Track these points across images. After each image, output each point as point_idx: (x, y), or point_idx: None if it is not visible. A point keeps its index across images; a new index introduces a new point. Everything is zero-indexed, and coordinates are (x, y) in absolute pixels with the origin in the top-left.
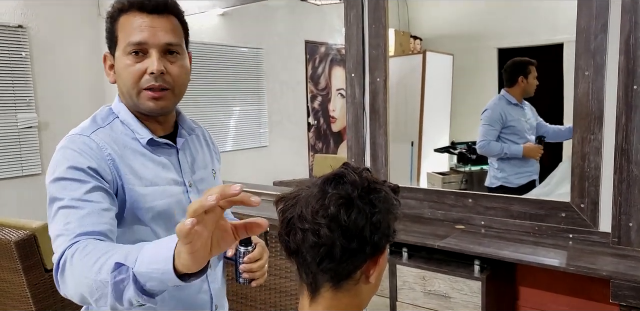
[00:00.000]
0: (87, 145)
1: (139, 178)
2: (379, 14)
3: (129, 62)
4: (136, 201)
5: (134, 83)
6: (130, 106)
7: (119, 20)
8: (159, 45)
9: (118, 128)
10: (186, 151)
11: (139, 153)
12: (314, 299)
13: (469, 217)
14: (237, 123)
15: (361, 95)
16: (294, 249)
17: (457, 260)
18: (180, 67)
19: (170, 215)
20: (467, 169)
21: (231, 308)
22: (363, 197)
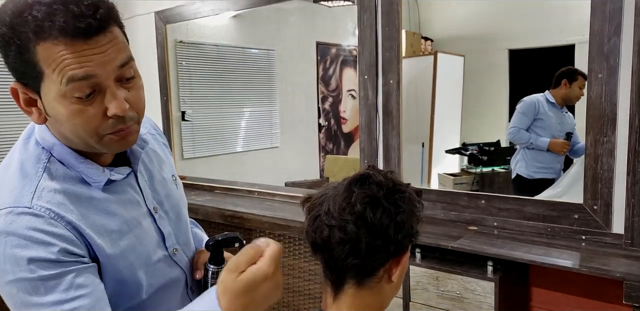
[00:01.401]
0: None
1: (109, 235)
2: (393, 17)
3: (77, 106)
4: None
5: (92, 132)
6: (80, 147)
7: (36, 50)
8: (113, 73)
9: (58, 173)
10: (141, 169)
11: (98, 200)
12: (337, 296)
13: (482, 218)
14: (248, 124)
15: (374, 97)
16: (320, 245)
17: (470, 260)
18: (139, 91)
19: (147, 257)
20: (479, 170)
21: None
22: (388, 197)
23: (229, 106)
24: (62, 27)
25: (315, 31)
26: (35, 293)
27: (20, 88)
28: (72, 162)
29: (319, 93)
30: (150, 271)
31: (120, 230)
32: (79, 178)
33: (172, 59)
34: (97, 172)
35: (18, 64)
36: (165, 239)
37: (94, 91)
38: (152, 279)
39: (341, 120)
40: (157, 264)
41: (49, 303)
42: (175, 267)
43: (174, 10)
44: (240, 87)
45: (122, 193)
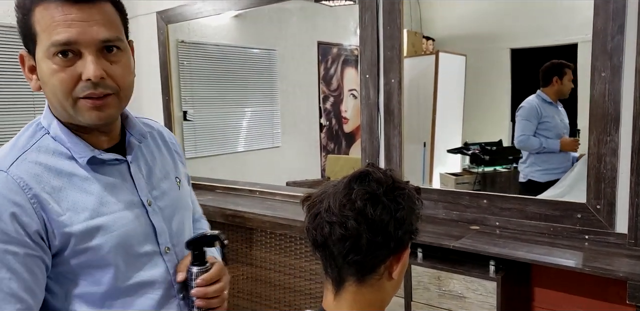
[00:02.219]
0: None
1: (80, 212)
2: (394, 16)
3: (56, 66)
4: (78, 243)
5: (67, 93)
6: (65, 118)
7: (34, 12)
8: (94, 43)
9: (48, 148)
10: (140, 162)
11: (79, 178)
12: (338, 293)
13: (483, 217)
14: (250, 124)
15: (376, 96)
16: (321, 242)
17: (472, 260)
18: (124, 67)
19: (128, 246)
20: (480, 170)
21: (245, 306)
22: (388, 194)
23: (230, 106)
24: None
25: (317, 31)
26: None
27: (25, 55)
28: (64, 138)
29: (320, 93)
30: (130, 261)
31: (94, 209)
32: (67, 155)
33: (174, 59)
34: (85, 148)
35: (22, 27)
36: (158, 235)
37: (74, 55)
38: (132, 270)
39: (342, 120)
40: (142, 257)
41: None
42: (162, 266)
43: (176, 10)
44: (241, 87)
45: (109, 176)
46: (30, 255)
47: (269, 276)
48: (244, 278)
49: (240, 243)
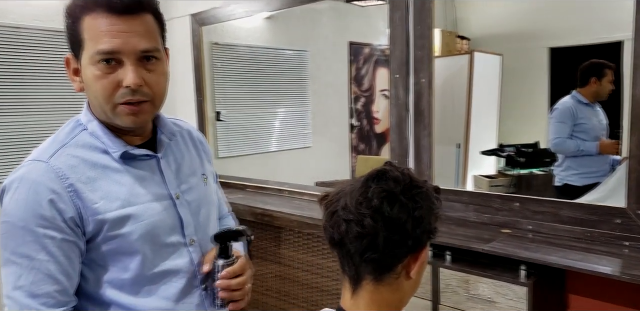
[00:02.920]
0: (47, 180)
1: (113, 201)
2: (425, 15)
3: (99, 72)
4: (109, 229)
5: (107, 98)
6: (103, 118)
7: (83, 20)
8: (134, 53)
9: (85, 143)
10: (169, 158)
11: (112, 170)
12: (355, 292)
13: (515, 221)
14: (281, 124)
15: (405, 96)
16: (337, 240)
17: (502, 264)
18: (160, 75)
19: (155, 235)
20: (516, 172)
21: (273, 304)
22: (405, 193)
23: (262, 106)
24: (103, 1)
25: (349, 31)
26: (16, 239)
27: (71, 58)
28: (100, 134)
29: (352, 93)
30: (156, 250)
31: (125, 199)
32: (102, 149)
33: (207, 61)
34: (119, 144)
35: (70, 34)
36: (184, 227)
37: (116, 63)
38: (158, 259)
39: (374, 121)
40: (168, 246)
41: (20, 253)
42: (186, 256)
43: (209, 12)
44: (273, 88)
45: (140, 169)
46: (67, 240)
47: (296, 275)
48: (272, 276)
49: (268, 241)
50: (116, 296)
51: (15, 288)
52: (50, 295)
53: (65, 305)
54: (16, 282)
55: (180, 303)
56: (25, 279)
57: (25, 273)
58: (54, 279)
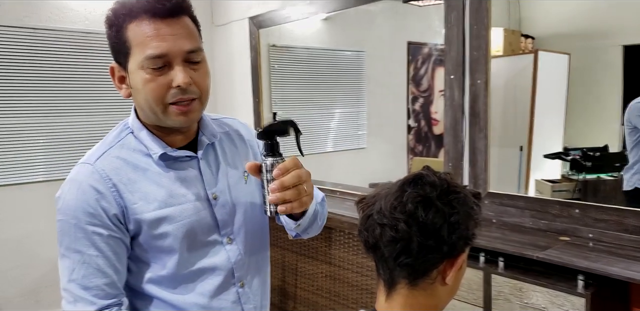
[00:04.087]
0: (92, 181)
1: (150, 202)
2: (481, 15)
3: (149, 76)
4: (148, 229)
5: (159, 99)
6: (152, 120)
7: (127, 29)
8: (181, 54)
9: (130, 146)
10: (209, 159)
11: (152, 172)
12: (390, 295)
13: (574, 228)
14: (336, 125)
15: (460, 97)
16: (372, 244)
17: (558, 273)
18: (204, 74)
19: (192, 235)
20: (581, 177)
21: (324, 304)
22: (442, 198)
23: (317, 107)
24: (146, 7)
25: (407, 31)
26: (69, 235)
27: (116, 67)
28: (144, 137)
29: (409, 93)
30: (193, 248)
31: (162, 201)
32: (144, 152)
33: (265, 62)
34: (159, 146)
35: (115, 43)
36: (220, 227)
37: (164, 65)
38: (194, 257)
39: (432, 122)
40: (205, 245)
41: (73, 249)
42: (223, 255)
43: (266, 15)
44: (329, 89)
45: (180, 171)
46: (113, 237)
47: (347, 276)
48: (322, 276)
49: (319, 241)
50: (156, 291)
51: (70, 280)
52: (100, 287)
53: (114, 297)
54: (70, 275)
55: (216, 299)
56: (77, 273)
57: (77, 267)
58: (103, 273)
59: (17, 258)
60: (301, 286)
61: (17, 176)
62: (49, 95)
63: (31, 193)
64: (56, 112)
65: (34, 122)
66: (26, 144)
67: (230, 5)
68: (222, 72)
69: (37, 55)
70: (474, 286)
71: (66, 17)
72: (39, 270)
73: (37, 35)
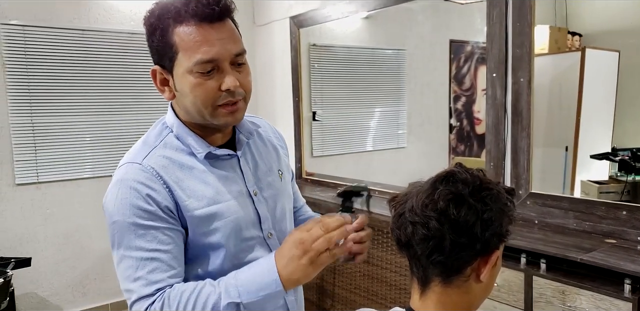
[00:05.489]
0: (143, 178)
1: (200, 199)
2: (524, 12)
3: (198, 80)
4: (198, 226)
5: (209, 103)
6: (197, 121)
7: (173, 33)
8: (230, 57)
9: (172, 145)
10: (247, 157)
11: (198, 170)
12: (424, 293)
13: (622, 230)
14: (376, 124)
15: (503, 96)
16: (404, 242)
17: (603, 276)
18: (247, 75)
19: (238, 231)
20: (630, 179)
21: (362, 303)
22: (474, 195)
23: (357, 106)
24: (194, 11)
25: (449, 29)
26: (127, 235)
27: (158, 69)
28: (185, 136)
29: (452, 92)
30: (239, 244)
31: (211, 198)
32: (187, 151)
33: (305, 62)
34: (203, 145)
35: (160, 47)
36: (262, 222)
37: (213, 69)
38: (240, 252)
39: (474, 121)
40: (249, 241)
41: (134, 247)
42: (265, 249)
43: (307, 14)
44: (369, 88)
45: (222, 169)
46: (171, 229)
47: (385, 276)
48: (361, 275)
49: None
50: None
51: (135, 279)
52: (166, 281)
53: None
54: (134, 274)
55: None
56: (141, 270)
57: (142, 264)
58: (168, 265)
59: (66, 252)
60: (339, 284)
61: (66, 172)
62: (96, 94)
63: (79, 188)
64: (102, 110)
65: (81, 120)
66: (75, 142)
67: (272, 5)
68: (263, 71)
69: (85, 55)
70: (515, 288)
71: (113, 18)
72: (87, 263)
73: (86, 36)
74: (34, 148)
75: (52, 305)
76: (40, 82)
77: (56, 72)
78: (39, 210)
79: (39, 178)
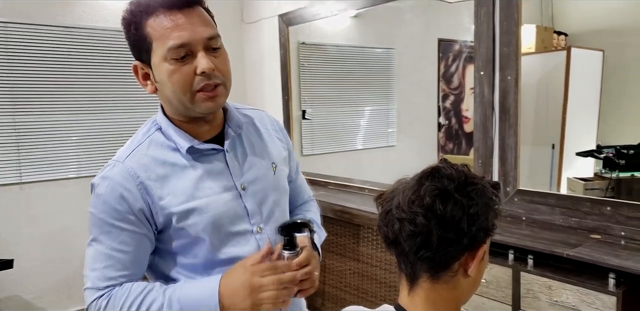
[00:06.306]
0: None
1: (178, 196)
2: (511, 11)
3: (174, 67)
4: (177, 221)
5: (186, 88)
6: (180, 112)
7: (145, 25)
8: (202, 41)
9: (158, 142)
10: (237, 150)
11: (180, 167)
12: (412, 289)
13: (606, 226)
14: (365, 122)
15: (490, 94)
16: (392, 239)
17: (589, 271)
18: (225, 60)
19: (220, 225)
20: (615, 176)
21: (352, 301)
22: (460, 190)
23: (347, 105)
24: (162, 2)
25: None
26: (96, 228)
27: (139, 65)
28: (171, 133)
29: (440, 91)
30: (223, 238)
31: (190, 194)
32: (172, 147)
33: (294, 60)
34: (185, 139)
35: (136, 41)
36: (250, 216)
37: (187, 55)
38: (226, 246)
39: (463, 119)
40: (236, 235)
41: (99, 240)
42: (253, 243)
43: (296, 12)
44: (358, 86)
45: (207, 164)
46: (136, 233)
47: (375, 273)
48: (350, 272)
49: (347, 238)
50: (190, 276)
51: (92, 269)
52: (117, 279)
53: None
54: (93, 264)
55: None
56: (100, 263)
57: (101, 258)
58: (123, 266)
59: (51, 253)
60: (329, 282)
61: (50, 172)
62: (81, 92)
63: (64, 189)
64: (87, 109)
65: (66, 119)
66: (59, 141)
67: (260, 2)
68: (252, 69)
69: (69, 53)
70: (503, 283)
71: (98, 15)
72: (72, 264)
73: (70, 33)
74: (16, 147)
75: (36, 308)
76: (23, 80)
77: (40, 70)
78: (22, 211)
79: (22, 179)
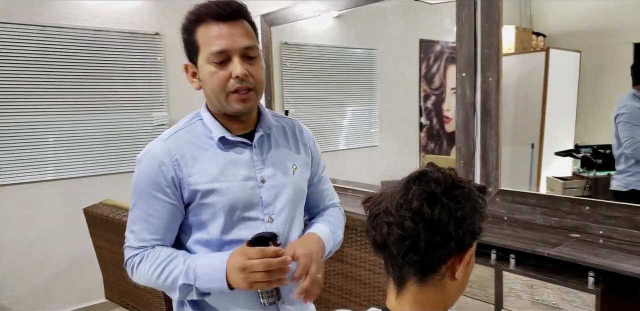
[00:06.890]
0: (160, 153)
1: (204, 176)
2: (492, 12)
3: (214, 69)
4: (201, 198)
5: (222, 88)
6: (218, 109)
7: (197, 31)
8: (239, 50)
9: (197, 129)
10: (263, 148)
11: (211, 152)
12: (400, 293)
13: (585, 225)
14: (348, 123)
15: (472, 95)
16: (380, 243)
17: (569, 270)
18: (259, 68)
19: (235, 208)
20: (592, 174)
21: (336, 302)
22: (447, 193)
23: (329, 105)
24: (211, 13)
25: (419, 28)
26: (137, 195)
27: (189, 65)
28: (210, 123)
29: (422, 91)
30: (237, 221)
31: (215, 176)
32: (207, 136)
33: (277, 60)
34: (220, 130)
35: (187, 44)
36: (264, 206)
37: (225, 60)
38: (236, 227)
39: (444, 119)
40: (248, 220)
41: (138, 205)
42: (262, 230)
43: (278, 12)
44: (341, 87)
45: (235, 154)
46: (170, 203)
47: (359, 274)
48: (334, 273)
49: None
50: (203, 250)
51: (130, 231)
52: (149, 241)
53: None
54: (132, 226)
55: None
56: (137, 225)
57: (138, 221)
58: (155, 230)
59: (29, 257)
60: None
61: (27, 175)
62: (59, 93)
63: (42, 191)
64: (66, 110)
65: (43, 120)
66: (35, 143)
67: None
68: None
69: (47, 52)
70: (485, 283)
71: (76, 14)
72: (52, 268)
73: (46, 32)
74: None
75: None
76: None
77: (15, 69)
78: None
79: None
